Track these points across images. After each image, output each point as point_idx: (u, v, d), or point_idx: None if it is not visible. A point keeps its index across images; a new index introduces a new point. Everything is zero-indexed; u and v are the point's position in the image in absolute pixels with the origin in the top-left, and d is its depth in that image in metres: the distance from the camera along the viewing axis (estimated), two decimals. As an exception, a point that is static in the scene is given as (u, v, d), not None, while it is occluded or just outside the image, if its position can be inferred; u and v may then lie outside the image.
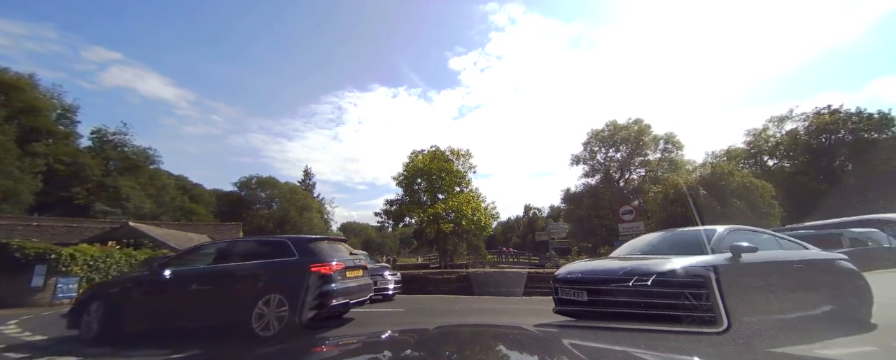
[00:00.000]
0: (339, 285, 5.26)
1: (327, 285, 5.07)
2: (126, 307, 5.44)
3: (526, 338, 1.63)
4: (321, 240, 5.96)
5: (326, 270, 5.15)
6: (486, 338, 1.72)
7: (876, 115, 26.84)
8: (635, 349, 1.26)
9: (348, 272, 5.61)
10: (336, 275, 5.27)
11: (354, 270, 5.86)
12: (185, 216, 43.73)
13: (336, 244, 6.23)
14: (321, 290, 4.97)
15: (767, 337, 3.52)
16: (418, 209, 29.90)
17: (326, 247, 5.71)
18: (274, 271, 5.20)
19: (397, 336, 1.71)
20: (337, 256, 5.63)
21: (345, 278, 5.47)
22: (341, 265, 5.47)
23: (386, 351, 1.41)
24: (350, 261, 5.85)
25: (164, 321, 5.38)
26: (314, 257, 5.24)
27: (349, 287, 5.47)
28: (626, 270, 4.27)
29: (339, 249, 6.06)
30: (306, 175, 62.17)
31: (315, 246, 5.51)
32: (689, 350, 1.21)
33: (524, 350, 1.41)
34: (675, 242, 5.04)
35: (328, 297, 5.00)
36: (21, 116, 28.32)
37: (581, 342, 1.55)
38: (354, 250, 6.49)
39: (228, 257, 5.74)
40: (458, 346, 1.49)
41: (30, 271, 10.90)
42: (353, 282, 5.63)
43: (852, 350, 3.55)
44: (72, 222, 22.49)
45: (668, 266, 4.08)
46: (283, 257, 5.32)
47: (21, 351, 4.96)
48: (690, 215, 12.17)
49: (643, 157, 35.44)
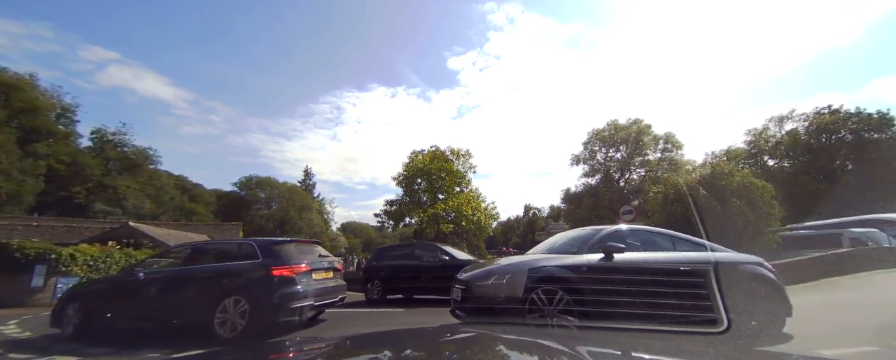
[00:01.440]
0: (304, 287, 5.28)
1: (289, 287, 5.11)
2: (100, 307, 5.67)
3: (524, 336, 1.62)
4: (289, 242, 6.01)
5: (288, 272, 5.18)
6: (484, 338, 1.71)
7: (876, 115, 26.83)
8: (643, 354, 1.25)
9: (315, 274, 5.62)
10: (299, 277, 5.29)
11: (323, 272, 5.88)
12: (184, 216, 43.77)
13: (306, 246, 6.28)
14: (283, 292, 5.02)
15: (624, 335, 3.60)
16: (418, 209, 29.91)
17: (293, 249, 5.76)
18: (236, 274, 5.31)
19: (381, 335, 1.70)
20: (304, 258, 5.66)
21: (310, 281, 5.48)
22: (306, 267, 5.48)
23: (386, 351, 1.41)
24: (318, 263, 5.85)
25: (134, 321, 5.55)
26: (277, 259, 5.31)
27: (315, 289, 5.49)
28: (491, 269, 4.56)
29: (309, 251, 6.11)
30: (306, 175, 62.25)
31: (280, 249, 5.57)
32: (689, 352, 1.21)
33: (523, 350, 1.41)
34: (569, 240, 5.20)
35: (290, 299, 5.03)
36: (21, 116, 28.32)
37: (576, 339, 1.55)
38: (326, 253, 6.50)
39: (197, 259, 5.94)
40: (456, 346, 1.49)
41: (30, 271, 10.90)
42: (320, 284, 5.65)
43: (853, 350, 3.55)
44: (72, 222, 22.50)
45: (526, 266, 4.40)
46: (247, 259, 5.42)
47: (23, 351, 4.97)
48: (690, 215, 12.16)
49: (643, 157, 35.41)
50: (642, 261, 4.37)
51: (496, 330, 1.99)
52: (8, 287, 10.66)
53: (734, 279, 3.99)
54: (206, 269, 5.63)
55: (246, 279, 5.21)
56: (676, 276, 4.11)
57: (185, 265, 5.83)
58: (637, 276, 4.20)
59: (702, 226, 11.13)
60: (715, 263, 4.19)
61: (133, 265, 6.78)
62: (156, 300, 5.49)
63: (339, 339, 1.82)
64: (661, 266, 4.26)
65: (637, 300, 3.91)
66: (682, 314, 3.78)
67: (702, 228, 11.08)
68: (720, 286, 3.75)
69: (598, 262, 4.28)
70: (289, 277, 5.17)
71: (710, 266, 4.10)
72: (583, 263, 4.34)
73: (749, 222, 12.44)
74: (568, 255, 4.59)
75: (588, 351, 1.26)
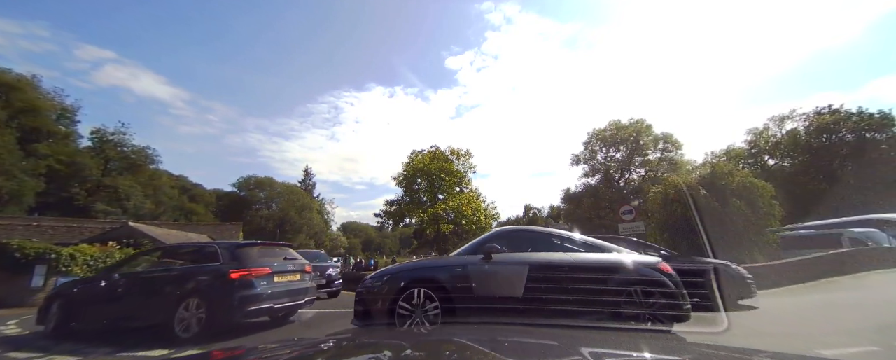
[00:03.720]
0: (263, 289, 5.36)
1: (247, 290, 5.19)
2: (77, 306, 5.94)
3: (523, 336, 1.62)
4: (254, 245, 6.11)
5: (246, 275, 5.26)
6: (482, 338, 1.71)
7: (877, 114, 26.81)
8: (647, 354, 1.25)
9: (278, 277, 5.69)
10: (258, 280, 5.35)
11: (287, 274, 5.95)
12: (184, 216, 43.79)
13: (273, 249, 6.37)
14: (239, 294, 5.12)
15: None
16: (418, 210, 29.90)
17: (255, 252, 5.83)
18: (197, 276, 5.46)
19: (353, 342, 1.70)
20: (267, 261, 5.74)
21: (271, 283, 5.55)
22: (266, 270, 5.55)
23: (387, 351, 1.42)
24: (282, 266, 5.92)
25: (106, 320, 5.78)
26: (236, 262, 5.40)
27: (277, 292, 5.57)
28: (378, 273, 4.90)
29: (274, 253, 6.20)
30: (306, 175, 62.32)
31: (241, 252, 5.67)
32: (690, 352, 1.21)
33: (523, 349, 1.41)
34: (470, 243, 5.45)
35: (247, 301, 5.13)
36: (21, 116, 28.34)
37: (577, 338, 1.54)
38: (294, 255, 6.56)
39: (166, 261, 6.18)
40: (457, 346, 1.49)
41: (30, 271, 10.89)
42: (282, 287, 5.71)
43: (853, 350, 3.55)
44: (72, 221, 22.50)
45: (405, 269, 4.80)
46: (209, 262, 5.56)
47: (23, 351, 4.98)
48: (690, 215, 12.15)
49: (643, 157, 35.41)
50: (518, 261, 4.54)
51: (493, 331, 1.99)
52: (8, 287, 10.66)
53: (618, 280, 4.16)
54: (172, 271, 5.83)
55: (205, 282, 5.33)
56: (549, 275, 4.30)
57: (155, 267, 6.05)
58: (511, 275, 4.39)
59: (701, 226, 11.13)
60: (593, 263, 4.39)
61: (110, 266, 6.93)
62: (126, 300, 5.68)
63: (334, 339, 1.82)
64: (537, 266, 4.43)
65: (508, 297, 4.20)
66: (550, 310, 4.04)
67: (701, 228, 11.07)
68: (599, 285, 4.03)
69: (476, 263, 4.51)
70: (247, 279, 5.24)
71: (585, 266, 4.32)
72: (458, 263, 4.62)
73: (749, 222, 12.43)
74: (452, 256, 4.96)
75: (590, 352, 1.26)
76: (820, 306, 6.68)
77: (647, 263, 4.43)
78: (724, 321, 4.88)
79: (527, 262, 4.49)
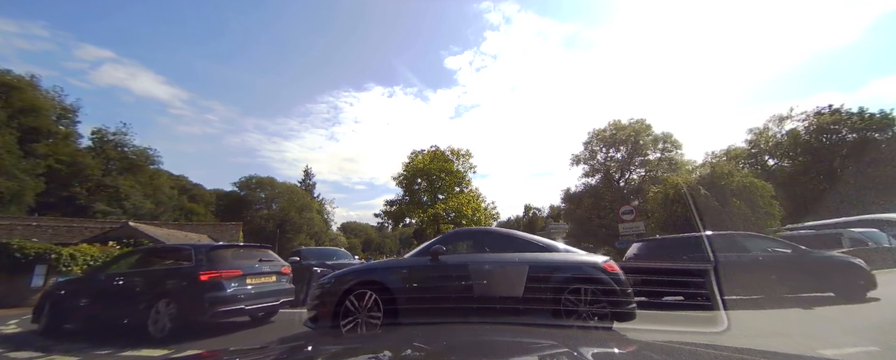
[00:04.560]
0: (234, 291, 5.48)
1: (216, 291, 5.31)
2: (66, 306, 6.19)
3: (523, 336, 1.62)
4: (228, 248, 6.30)
5: (216, 276, 5.39)
6: (482, 338, 1.71)
7: (877, 115, 26.77)
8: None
9: (250, 279, 5.83)
10: (228, 282, 5.47)
11: (260, 276, 6.06)
12: (184, 216, 43.77)
13: (249, 251, 6.53)
14: (209, 296, 5.26)
15: None
16: (418, 210, 29.89)
17: (228, 255, 5.99)
18: (171, 277, 5.68)
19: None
20: (239, 263, 5.91)
21: (243, 285, 5.68)
22: (237, 272, 5.68)
23: (386, 352, 1.41)
24: (255, 268, 6.06)
25: (92, 319, 6.05)
26: (208, 264, 5.54)
27: (248, 293, 5.68)
28: (331, 275, 4.99)
29: (249, 256, 6.33)
30: (306, 175, 62.33)
31: (214, 254, 5.80)
32: (689, 353, 1.21)
33: (523, 349, 1.41)
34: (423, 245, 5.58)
35: (216, 302, 5.26)
36: (21, 116, 28.33)
37: (577, 339, 1.54)
38: (271, 257, 6.67)
39: (146, 262, 6.37)
40: (456, 346, 1.48)
41: (30, 270, 10.89)
42: (254, 288, 5.84)
43: (853, 350, 3.55)
44: (72, 221, 22.51)
45: (351, 271, 4.90)
46: (183, 264, 5.73)
47: (24, 350, 4.98)
48: (690, 215, 12.16)
49: (643, 157, 35.39)
50: (463, 262, 4.65)
51: (491, 331, 1.99)
52: (8, 287, 10.66)
53: (559, 279, 4.27)
54: (150, 272, 6.05)
55: (177, 283, 5.51)
56: (494, 274, 4.44)
57: (136, 268, 6.25)
58: (455, 275, 4.51)
59: (701, 226, 11.13)
60: (537, 263, 4.46)
61: (96, 267, 7.14)
62: (107, 300, 5.90)
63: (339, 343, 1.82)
64: (481, 266, 4.55)
65: (451, 297, 4.32)
66: (492, 308, 4.18)
67: (701, 227, 11.07)
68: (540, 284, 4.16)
69: (421, 264, 4.63)
70: (216, 281, 5.36)
71: (526, 266, 4.39)
72: (404, 265, 4.81)
73: (749, 222, 12.45)
74: (403, 258, 5.15)
75: (592, 353, 1.26)
76: (821, 305, 6.67)
77: (591, 262, 4.50)
78: (724, 321, 4.87)
79: (471, 263, 4.61)
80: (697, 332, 4.76)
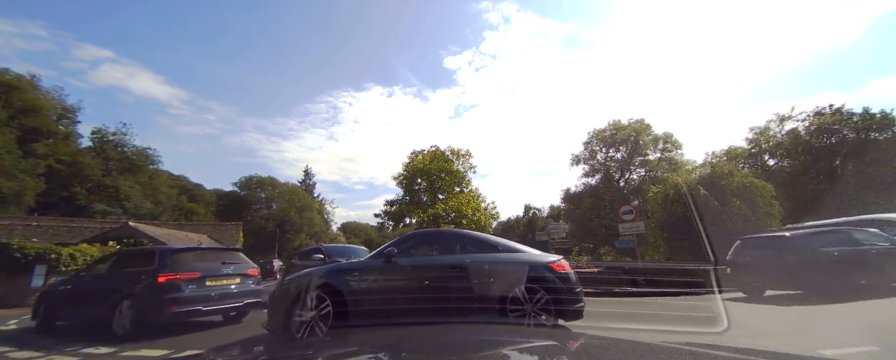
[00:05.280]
0: (191, 293, 5.73)
1: (172, 293, 5.58)
2: (56, 304, 6.63)
3: (524, 337, 1.62)
4: (191, 250, 6.57)
5: (173, 279, 5.65)
6: (483, 337, 1.71)
7: (877, 115, 26.76)
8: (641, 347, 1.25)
9: (210, 281, 6.06)
10: (186, 284, 5.73)
11: (223, 278, 6.29)
12: (184, 216, 43.75)
13: (213, 254, 6.78)
14: (165, 297, 5.53)
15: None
16: (418, 210, 29.85)
17: (190, 257, 6.22)
18: (133, 279, 5.92)
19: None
20: (200, 265, 6.13)
21: (202, 287, 5.92)
22: (196, 274, 5.90)
23: (386, 351, 1.41)
24: (217, 270, 6.28)
25: (76, 317, 6.46)
26: (168, 267, 5.80)
27: (206, 295, 5.91)
28: (293, 276, 5.17)
29: (212, 258, 6.54)
30: (306, 175, 62.30)
31: (177, 257, 6.05)
32: (689, 353, 1.21)
33: (523, 349, 1.41)
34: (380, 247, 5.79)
35: (172, 304, 5.52)
36: (21, 116, 28.31)
37: (578, 339, 1.55)
38: (237, 259, 6.85)
39: (119, 264, 6.62)
40: (457, 346, 1.48)
41: (30, 270, 10.91)
42: (214, 290, 6.07)
43: (853, 350, 3.54)
44: (72, 221, 22.51)
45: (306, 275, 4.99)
46: (147, 266, 5.95)
47: (25, 350, 4.98)
48: (690, 215, 12.16)
49: (643, 157, 35.40)
50: (415, 264, 4.75)
51: (488, 331, 1.99)
52: (8, 287, 10.67)
53: (508, 279, 4.38)
54: (120, 274, 6.31)
55: (139, 284, 5.77)
56: (444, 275, 4.55)
57: (111, 269, 6.55)
58: (406, 277, 4.64)
59: (701, 225, 11.14)
60: (487, 262, 4.58)
61: (81, 268, 7.63)
62: (86, 299, 6.28)
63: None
64: (432, 267, 4.70)
65: (402, 298, 4.46)
66: (442, 308, 4.30)
67: (701, 227, 11.08)
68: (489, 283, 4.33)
69: (374, 267, 4.77)
70: (174, 283, 5.63)
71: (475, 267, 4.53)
72: (357, 268, 4.93)
73: (749, 222, 12.45)
74: (356, 261, 5.34)
75: (591, 353, 1.26)
76: (822, 305, 6.67)
77: (539, 262, 4.57)
78: (724, 321, 4.87)
79: (422, 265, 4.74)
80: (697, 332, 4.77)
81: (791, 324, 5.23)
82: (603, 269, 11.73)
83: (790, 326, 5.08)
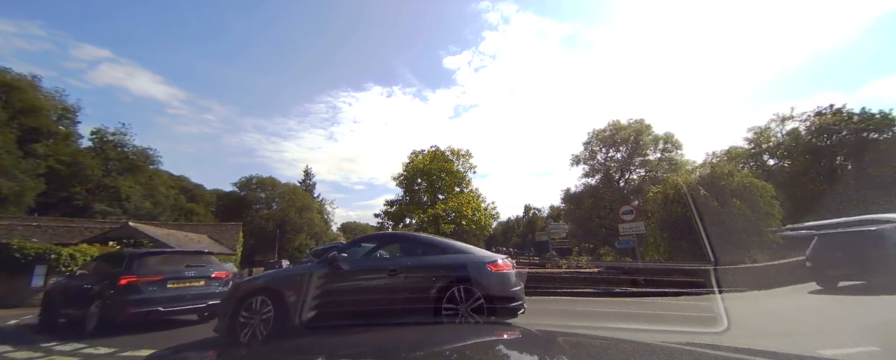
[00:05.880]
0: (150, 294, 6.16)
1: (130, 294, 6.04)
2: (55, 302, 7.20)
3: (524, 337, 1.62)
4: (157, 254, 7.05)
5: (133, 281, 6.12)
6: (482, 337, 1.71)
7: (877, 115, 26.75)
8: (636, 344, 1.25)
9: (171, 283, 6.44)
10: (147, 286, 6.17)
11: (186, 280, 6.66)
12: (184, 216, 43.74)
13: (178, 257, 7.20)
14: (123, 298, 5.99)
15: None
16: (418, 210, 29.84)
17: (153, 261, 6.66)
18: (103, 281, 6.36)
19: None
20: (162, 268, 6.54)
21: (163, 289, 6.32)
22: (158, 277, 6.32)
23: (385, 351, 1.41)
24: (179, 273, 6.65)
25: (68, 314, 6.90)
26: (132, 270, 6.25)
27: (166, 297, 6.31)
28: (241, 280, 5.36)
29: (176, 261, 6.95)
30: (306, 175, 62.32)
31: (141, 260, 6.51)
32: (689, 353, 1.21)
33: (523, 350, 1.40)
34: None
35: (130, 305, 5.99)
36: (21, 116, 28.30)
37: (578, 340, 1.54)
38: (203, 262, 7.22)
39: (98, 266, 7.19)
40: (457, 345, 1.48)
41: (30, 271, 10.90)
42: (176, 291, 6.46)
43: (854, 350, 3.54)
44: (72, 222, 22.49)
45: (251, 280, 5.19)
46: (114, 269, 6.38)
47: (25, 350, 4.98)
48: (690, 215, 12.15)
49: (643, 157, 35.38)
50: (356, 268, 4.84)
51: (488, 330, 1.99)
52: (8, 287, 10.67)
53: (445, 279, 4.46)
54: (95, 275, 6.80)
55: (105, 286, 6.19)
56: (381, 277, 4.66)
57: (93, 270, 7.17)
58: (347, 281, 4.69)
59: (701, 226, 11.14)
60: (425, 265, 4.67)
61: (76, 268, 8.42)
62: (72, 298, 6.80)
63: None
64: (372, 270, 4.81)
65: (341, 301, 4.58)
66: (378, 310, 4.43)
67: (701, 227, 11.08)
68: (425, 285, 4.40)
69: (315, 270, 4.83)
70: (133, 285, 6.09)
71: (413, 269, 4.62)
72: (298, 272, 5.10)
73: (749, 222, 12.44)
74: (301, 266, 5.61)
75: (591, 353, 1.26)
76: (821, 305, 6.67)
77: (475, 262, 4.63)
78: (724, 321, 4.87)
79: (363, 268, 4.84)
80: (697, 332, 4.76)
81: (791, 323, 5.21)
82: (603, 269, 11.73)
83: (791, 325, 5.07)
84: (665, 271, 10.52)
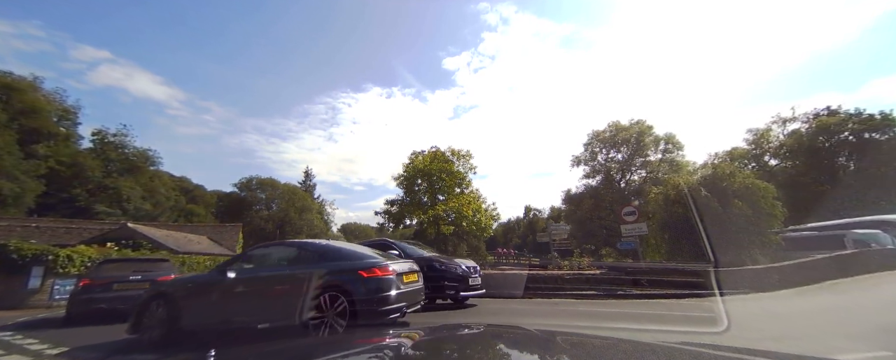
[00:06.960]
0: (97, 294, 7.54)
1: (85, 294, 7.58)
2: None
3: (525, 337, 1.60)
4: (118, 261, 8.92)
5: (87, 284, 7.71)
6: (485, 337, 1.69)
7: (877, 115, 26.69)
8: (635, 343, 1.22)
9: (116, 286, 7.77)
10: (97, 288, 7.62)
11: (129, 284, 7.84)
12: (184, 217, 43.72)
13: (130, 264, 8.53)
14: (80, 297, 7.59)
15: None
16: (418, 211, 29.79)
17: (111, 266, 8.35)
18: (78, 282, 7.99)
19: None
20: (113, 273, 8.00)
21: (108, 290, 7.66)
22: (106, 281, 7.75)
23: (386, 351, 1.38)
24: (123, 277, 7.93)
25: None
26: (90, 274, 8.13)
27: (111, 297, 7.59)
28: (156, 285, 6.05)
29: (126, 267, 8.29)
30: (306, 176, 62.23)
31: (100, 266, 8.36)
32: (689, 353, 1.16)
33: (524, 349, 1.39)
34: None
35: (87, 303, 7.48)
36: (21, 117, 28.35)
37: (579, 339, 1.52)
38: (149, 269, 8.38)
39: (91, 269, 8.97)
40: (458, 345, 1.46)
41: (27, 272, 10.83)
42: (118, 294, 7.68)
43: (863, 355, 3.45)
44: (70, 223, 22.48)
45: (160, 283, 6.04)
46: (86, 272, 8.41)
47: (24, 350, 4.95)
48: (691, 216, 12.06)
49: (644, 158, 35.31)
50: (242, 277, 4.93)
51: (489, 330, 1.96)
52: (5, 289, 10.60)
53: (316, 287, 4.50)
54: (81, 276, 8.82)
55: (74, 286, 8.14)
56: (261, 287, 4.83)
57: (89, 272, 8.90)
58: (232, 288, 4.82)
59: (702, 227, 11.05)
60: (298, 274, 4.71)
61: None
62: None
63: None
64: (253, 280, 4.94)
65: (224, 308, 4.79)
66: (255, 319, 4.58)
67: (702, 229, 10.99)
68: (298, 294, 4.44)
69: (205, 279, 5.21)
70: (87, 286, 7.69)
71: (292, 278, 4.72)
72: (192, 280, 5.56)
73: (751, 223, 12.33)
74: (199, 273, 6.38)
75: (591, 353, 1.23)
76: (828, 308, 6.58)
77: (348, 269, 4.65)
78: (724, 321, 4.80)
79: (246, 277, 4.94)
80: (697, 332, 4.69)
81: (797, 327, 5.13)
82: (605, 270, 11.66)
83: (795, 329, 4.98)
84: (666, 271, 10.44)
